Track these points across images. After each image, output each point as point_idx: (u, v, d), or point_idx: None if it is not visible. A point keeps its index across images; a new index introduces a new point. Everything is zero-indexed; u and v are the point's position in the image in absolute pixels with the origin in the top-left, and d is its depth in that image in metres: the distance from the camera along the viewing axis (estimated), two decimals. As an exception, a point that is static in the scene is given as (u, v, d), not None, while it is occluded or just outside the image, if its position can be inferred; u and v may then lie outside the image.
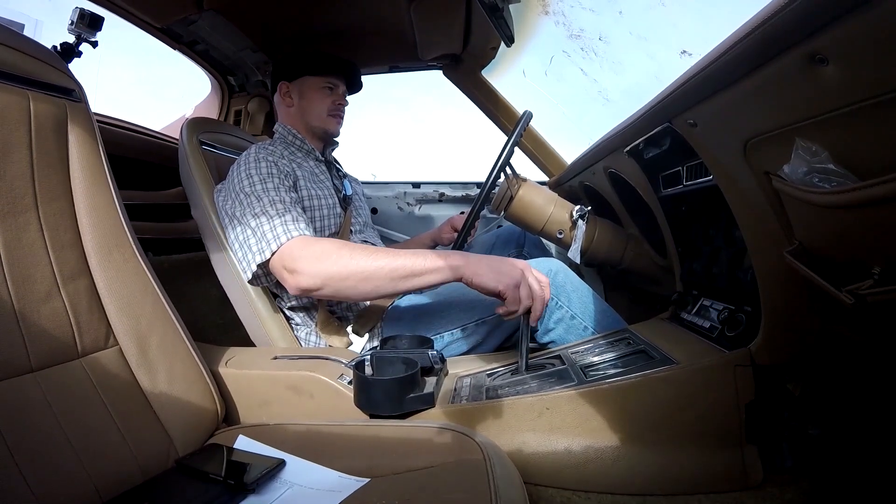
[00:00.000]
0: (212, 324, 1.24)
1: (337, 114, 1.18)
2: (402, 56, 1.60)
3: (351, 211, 1.16)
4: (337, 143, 1.24)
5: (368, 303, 1.07)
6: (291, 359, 0.87)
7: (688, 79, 0.57)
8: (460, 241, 1.19)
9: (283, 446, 0.65)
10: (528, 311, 0.80)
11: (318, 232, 1.05)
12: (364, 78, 1.28)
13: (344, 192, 1.19)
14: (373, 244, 1.17)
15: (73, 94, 0.70)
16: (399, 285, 0.81)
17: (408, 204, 1.89)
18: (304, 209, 1.01)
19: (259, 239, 0.87)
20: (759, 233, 0.63)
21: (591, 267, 1.67)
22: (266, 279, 0.95)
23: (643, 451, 0.68)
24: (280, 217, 0.88)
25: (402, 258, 0.80)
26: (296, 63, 1.17)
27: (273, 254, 0.85)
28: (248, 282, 0.93)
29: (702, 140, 0.66)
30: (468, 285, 0.81)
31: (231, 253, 0.97)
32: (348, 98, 1.24)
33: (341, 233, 1.10)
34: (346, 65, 1.19)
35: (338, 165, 1.28)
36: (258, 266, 0.87)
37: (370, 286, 0.81)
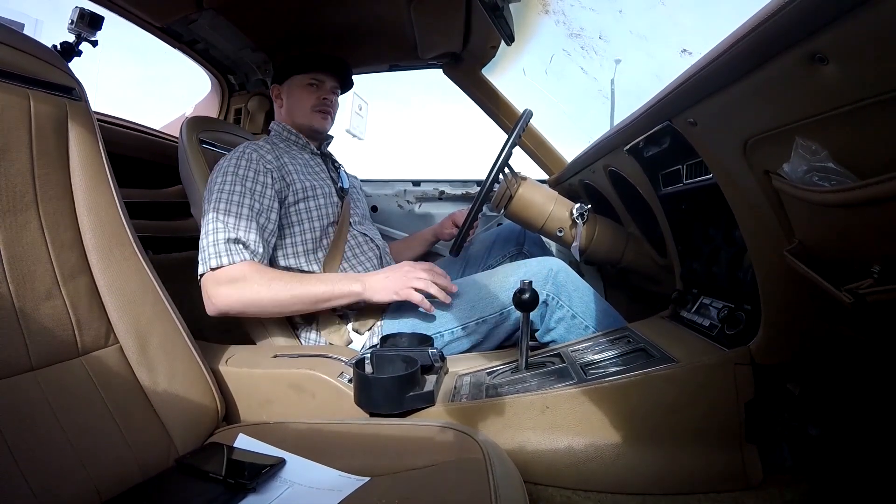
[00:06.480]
0: (212, 322, 1.24)
1: (322, 109, 1.18)
2: (402, 55, 1.60)
3: (349, 202, 1.17)
4: (331, 136, 1.26)
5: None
6: (291, 357, 0.87)
7: (688, 78, 0.57)
8: (460, 239, 1.19)
9: (283, 445, 0.65)
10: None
11: (318, 220, 1.06)
12: (364, 77, 1.28)
13: (340, 183, 1.20)
14: (371, 238, 1.18)
15: (73, 92, 0.71)
16: (318, 307, 0.94)
17: (407, 202, 1.89)
18: (297, 200, 1.03)
19: (206, 246, 0.90)
20: (758, 232, 0.63)
21: (590, 265, 1.67)
22: None
23: (643, 450, 0.68)
24: (231, 231, 0.90)
25: (313, 286, 0.92)
26: (285, 66, 1.21)
27: (211, 270, 0.89)
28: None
29: (702, 139, 0.66)
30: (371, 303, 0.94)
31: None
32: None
33: (341, 222, 1.11)
34: (330, 60, 1.20)
35: (333, 158, 1.29)
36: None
37: (289, 311, 0.95)
